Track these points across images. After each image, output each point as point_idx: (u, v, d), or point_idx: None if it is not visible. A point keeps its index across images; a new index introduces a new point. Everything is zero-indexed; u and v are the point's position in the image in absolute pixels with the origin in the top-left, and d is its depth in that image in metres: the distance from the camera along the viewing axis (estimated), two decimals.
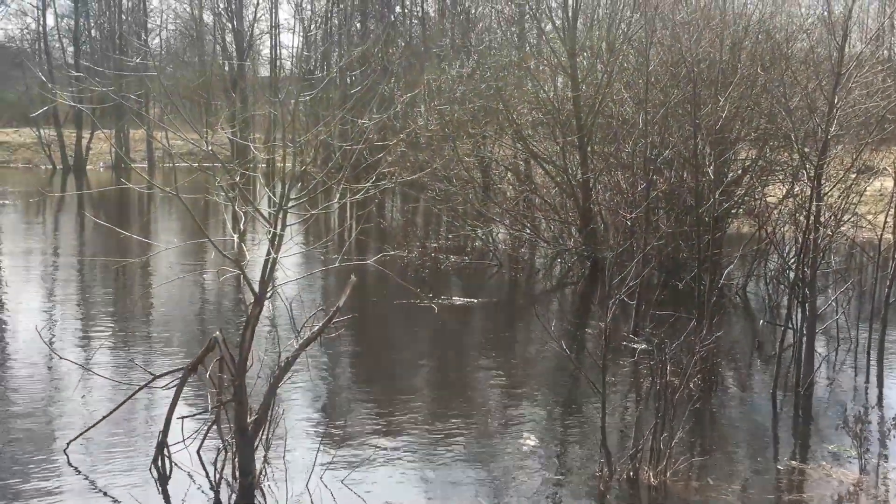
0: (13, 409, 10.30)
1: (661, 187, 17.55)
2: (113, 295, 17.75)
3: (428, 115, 21.84)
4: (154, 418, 9.71)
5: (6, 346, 13.44)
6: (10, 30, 59.63)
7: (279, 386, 8.32)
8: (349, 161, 8.65)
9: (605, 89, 19.80)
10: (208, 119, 11.51)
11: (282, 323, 12.67)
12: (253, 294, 8.09)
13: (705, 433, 10.32)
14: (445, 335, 15.32)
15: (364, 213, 18.18)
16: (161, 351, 13.18)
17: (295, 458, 8.74)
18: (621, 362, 12.54)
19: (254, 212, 8.43)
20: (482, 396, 11.88)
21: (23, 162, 52.70)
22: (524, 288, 20.24)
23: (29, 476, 8.37)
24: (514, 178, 24.68)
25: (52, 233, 27.97)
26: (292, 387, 10.73)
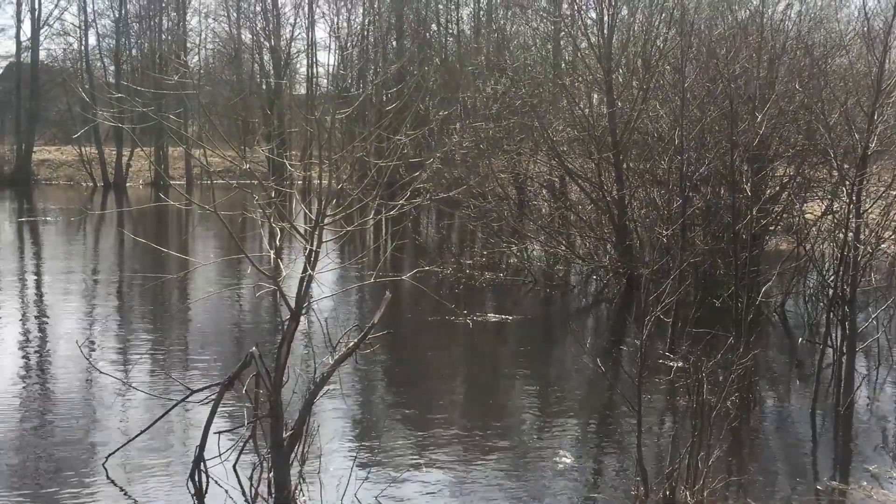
0: (54, 423, 10.44)
1: (697, 204, 17.43)
2: (151, 310, 17.95)
3: (463, 132, 21.90)
4: (191, 433, 9.80)
5: (48, 361, 13.63)
6: (53, 50, 60.61)
7: (315, 401, 8.35)
8: (384, 178, 8.70)
9: (640, 105, 19.74)
10: (246, 137, 11.65)
11: (317, 339, 12.74)
12: (289, 310, 8.15)
13: (743, 452, 10.20)
14: (480, 352, 15.31)
15: (399, 230, 18.30)
16: (198, 366, 13.29)
17: (330, 474, 8.77)
18: (657, 380, 12.44)
19: (290, 228, 8.50)
20: (517, 413, 11.84)
21: (65, 179, 53.53)
22: (559, 305, 20.17)
23: (69, 489, 8.47)
24: (549, 194, 24.65)
25: (92, 249, 28.36)
26: (328, 402, 10.77)
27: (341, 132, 10.59)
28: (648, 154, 19.18)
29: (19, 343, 14.62)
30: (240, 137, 20.22)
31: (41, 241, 29.34)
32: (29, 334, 15.46)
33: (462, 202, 23.43)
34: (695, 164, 16.76)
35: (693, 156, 16.84)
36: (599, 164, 20.50)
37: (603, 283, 21.36)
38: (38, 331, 15.83)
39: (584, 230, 22.00)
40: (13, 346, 14.24)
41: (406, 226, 22.37)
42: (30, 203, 42.54)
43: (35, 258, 25.56)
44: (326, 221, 8.17)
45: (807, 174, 18.50)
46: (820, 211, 17.89)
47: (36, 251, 27.13)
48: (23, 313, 17.17)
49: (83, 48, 56.19)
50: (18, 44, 54.55)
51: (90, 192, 48.94)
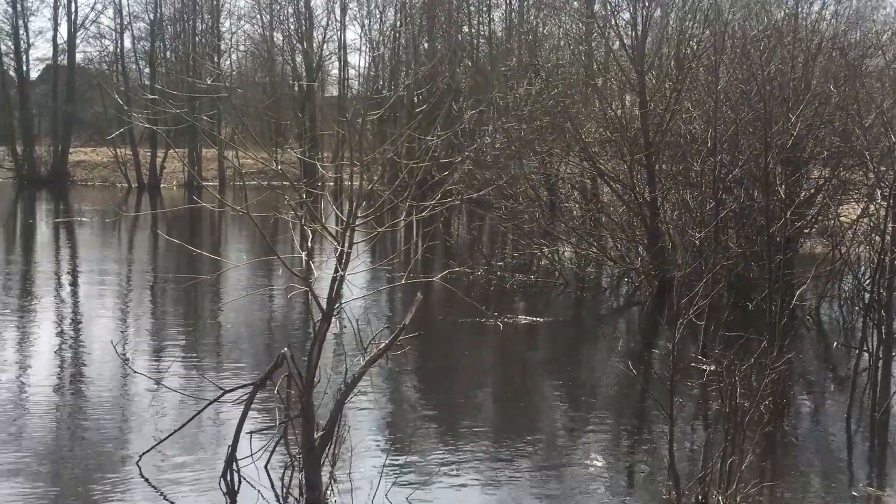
0: (89, 421, 10.56)
1: (730, 206, 17.28)
2: (184, 311, 18.10)
3: (495, 134, 21.88)
4: (223, 432, 9.86)
5: (83, 360, 13.79)
6: (89, 52, 61.37)
7: (346, 402, 8.38)
8: (415, 179, 8.70)
9: (673, 107, 19.61)
10: (278, 139, 11.75)
11: (348, 340, 12.78)
12: (321, 311, 8.18)
13: (776, 457, 10.09)
14: (511, 354, 15.29)
15: (430, 231, 18.33)
16: (230, 366, 13.38)
17: (361, 475, 8.78)
18: (689, 384, 12.35)
19: (321, 230, 8.53)
20: (548, 416, 11.81)
21: (100, 180, 54.14)
22: (590, 307, 20.09)
23: (104, 487, 8.56)
24: (580, 196, 24.55)
25: (126, 250, 28.66)
26: (358, 403, 10.80)
27: (373, 134, 10.62)
28: (681, 156, 19.04)
29: (55, 343, 14.80)
30: (272, 139, 20.30)
31: (77, 241, 29.70)
32: (64, 334, 15.65)
33: (493, 203, 23.40)
34: (728, 165, 16.62)
35: (726, 157, 16.70)
36: (631, 165, 20.40)
37: (634, 285, 21.24)
38: (73, 331, 16.01)
39: (616, 232, 21.88)
40: (50, 346, 14.42)
41: (437, 227, 22.39)
42: (66, 204, 43.09)
43: (70, 259, 25.87)
44: (357, 223, 8.19)
45: (842, 176, 18.28)
46: (856, 214, 17.69)
47: (71, 252, 27.46)
48: (58, 313, 17.38)
49: (119, 51, 56.85)
50: (55, 46, 55.33)
51: (125, 193, 49.47)
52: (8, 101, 54.88)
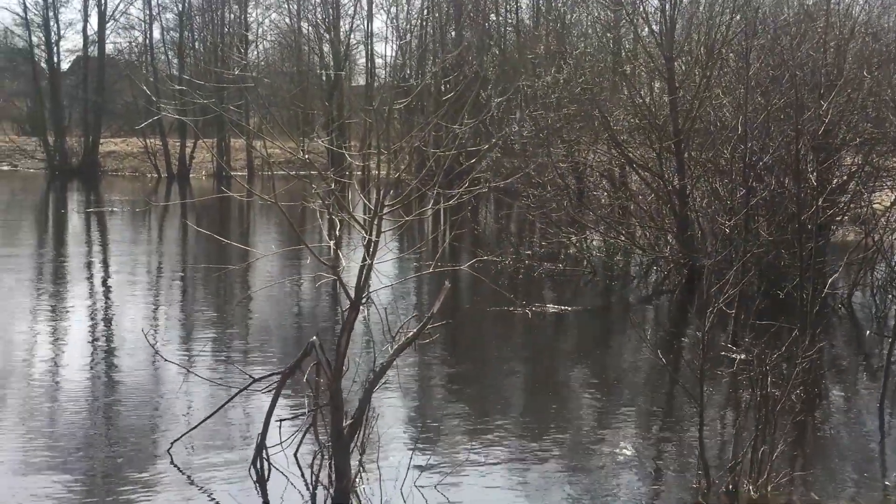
0: (121, 409, 10.67)
1: (761, 194, 17.12)
2: (214, 300, 18.23)
3: (523, 122, 21.78)
4: (252, 420, 9.93)
5: (114, 349, 13.93)
6: (119, 43, 61.91)
7: (374, 391, 8.40)
8: (443, 167, 8.68)
9: (703, 94, 19.43)
10: (305, 128, 11.78)
11: (376, 329, 12.81)
12: (349, 300, 8.19)
13: (807, 447, 10.00)
14: (539, 342, 15.25)
15: (457, 220, 18.31)
16: (259, 355, 13.47)
17: (389, 463, 8.81)
18: (719, 373, 12.26)
19: (349, 218, 8.54)
20: (576, 404, 11.78)
21: (130, 170, 54.61)
22: (619, 296, 20.00)
23: (135, 474, 8.65)
24: (608, 184, 24.42)
25: (156, 240, 28.90)
26: (386, 392, 10.81)
27: (400, 122, 10.60)
28: (711, 143, 18.88)
29: (87, 331, 14.96)
30: (299, 129, 20.39)
31: (107, 231, 29.98)
32: (96, 323, 15.81)
33: (521, 192, 23.33)
34: (759, 153, 16.46)
35: (757, 145, 16.53)
36: (660, 153, 20.24)
37: (663, 274, 21.11)
38: (104, 319, 16.18)
39: (645, 220, 21.75)
40: (81, 334, 14.58)
41: (465, 216, 22.36)
42: (97, 194, 43.49)
43: (101, 248, 26.13)
44: (385, 211, 8.19)
45: (875, 163, 18.05)
46: (889, 201, 17.47)
47: (102, 241, 27.73)
48: (90, 302, 17.56)
49: (148, 42, 57.26)
50: (85, 38, 55.82)
51: (154, 183, 49.84)
52: (39, 92, 55.44)
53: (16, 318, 15.42)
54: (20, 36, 57.63)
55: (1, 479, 8.39)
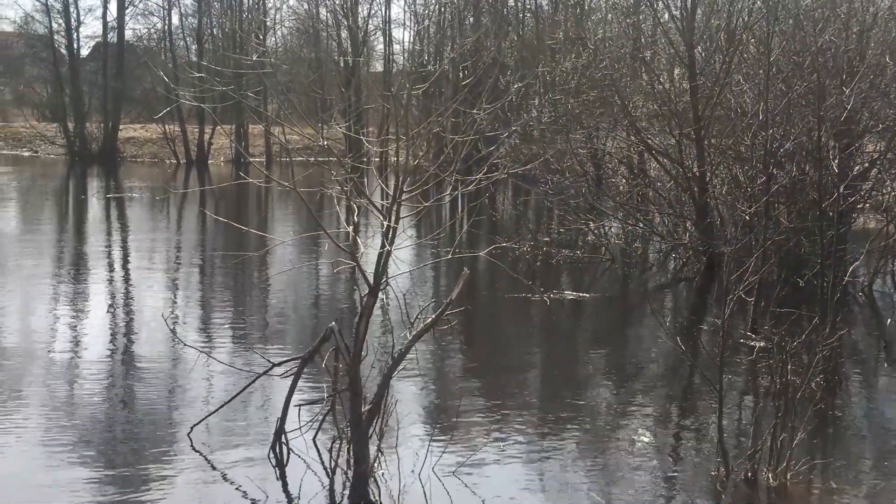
0: (142, 393, 10.74)
1: (782, 181, 17.00)
2: (232, 286, 18.30)
3: (541, 108, 21.71)
4: (271, 405, 9.97)
5: (134, 334, 14.02)
6: (138, 29, 62.06)
7: (392, 376, 8.41)
8: (461, 153, 8.66)
9: (723, 80, 19.29)
10: (323, 115, 11.80)
11: (395, 315, 12.83)
12: (368, 285, 8.20)
13: (827, 435, 9.95)
14: (557, 329, 15.24)
15: (475, 206, 18.26)
16: (278, 340, 13.52)
17: (407, 448, 8.84)
18: (738, 360, 12.22)
19: (368, 204, 8.54)
20: (594, 391, 11.76)
21: (149, 156, 54.79)
22: (637, 283, 19.94)
23: (156, 457, 8.72)
24: (627, 171, 24.31)
25: (175, 226, 29.02)
26: (405, 378, 10.85)
27: (418, 109, 10.59)
28: (731, 130, 18.74)
29: (107, 316, 15.06)
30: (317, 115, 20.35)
31: (127, 217, 30.13)
32: (115, 308, 15.92)
33: (539, 178, 23.27)
34: (779, 139, 16.34)
35: (778, 131, 16.41)
36: (680, 140, 20.12)
37: (682, 261, 21.02)
38: (124, 304, 16.28)
39: (664, 207, 21.65)
40: (101, 320, 14.68)
41: (483, 202, 22.32)
42: (116, 180, 43.69)
43: (121, 234, 26.27)
44: (403, 197, 8.18)
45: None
46: None
47: (122, 227, 27.88)
48: (110, 287, 17.68)
49: (167, 28, 57.34)
50: (105, 24, 55.95)
51: (173, 169, 50.01)
52: (59, 78, 55.67)
53: (36, 303, 15.54)
54: (40, 22, 57.86)
55: (23, 461, 8.48)
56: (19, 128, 60.35)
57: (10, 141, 58.80)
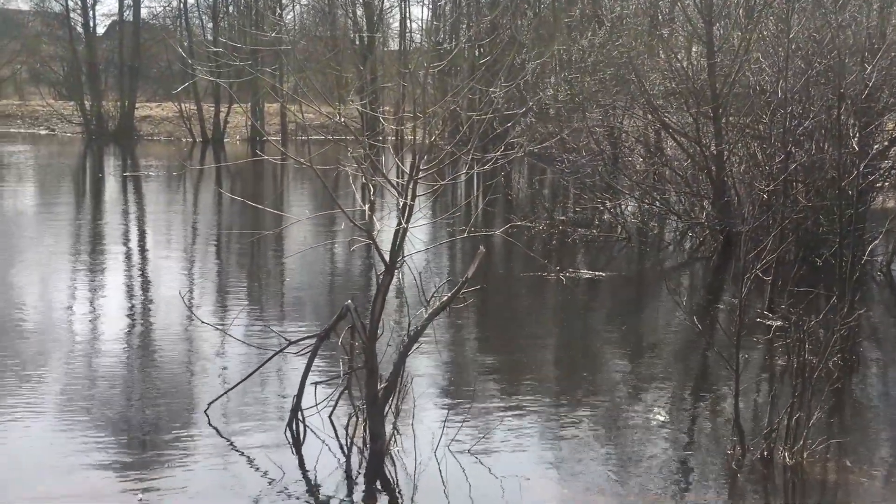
0: (157, 370, 10.81)
1: (800, 159, 16.87)
2: (248, 264, 18.36)
3: (558, 86, 21.59)
4: (288, 383, 10.02)
5: (151, 311, 14.09)
6: (154, 7, 62.10)
7: (408, 354, 8.43)
8: (477, 131, 8.63)
9: (742, 57, 19.12)
10: (340, 92, 11.76)
11: (411, 293, 12.84)
12: (384, 263, 8.21)
13: (844, 414, 9.92)
14: (572, 308, 15.22)
15: (491, 185, 18.25)
16: (294, 318, 13.57)
17: (423, 425, 8.87)
18: (755, 339, 12.18)
19: (384, 182, 8.53)
20: (609, 370, 11.76)
21: (165, 135, 54.92)
22: (653, 262, 19.87)
23: (172, 435, 8.78)
24: (644, 149, 24.18)
25: (191, 204, 29.11)
26: (420, 356, 10.85)
27: (434, 87, 10.54)
28: (749, 108, 18.59)
29: (124, 293, 15.15)
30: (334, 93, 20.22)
31: (144, 195, 30.25)
32: (132, 285, 16.01)
33: (555, 157, 23.19)
34: (798, 117, 16.20)
35: (797, 109, 16.26)
36: (697, 118, 19.99)
37: (699, 240, 20.94)
38: (140, 281, 16.37)
39: (681, 186, 21.55)
40: (118, 297, 14.76)
41: (499, 181, 22.28)
42: (133, 158, 43.83)
43: (138, 212, 26.37)
44: (420, 175, 8.17)
45: None
46: None
47: (139, 205, 27.98)
48: (127, 265, 17.77)
49: (182, 5, 57.28)
50: (121, 2, 55.95)
51: (189, 148, 50.12)
52: (75, 56, 55.77)
53: (53, 281, 15.65)
54: (57, 0, 57.93)
55: (39, 438, 8.55)
56: (36, 106, 60.64)
57: (27, 119, 59.06)
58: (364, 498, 7.70)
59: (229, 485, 7.73)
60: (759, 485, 8.12)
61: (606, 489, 7.81)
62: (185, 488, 7.62)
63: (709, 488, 7.95)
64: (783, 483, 8.10)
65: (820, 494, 8.02)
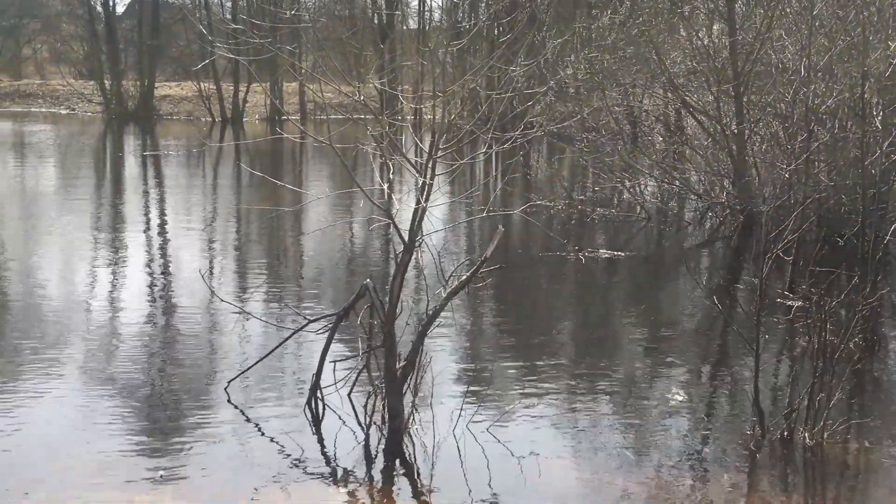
0: (177, 349, 10.88)
1: (822, 138, 16.71)
2: (268, 242, 18.42)
3: (577, 64, 21.45)
4: (307, 361, 10.06)
5: (171, 289, 14.17)
6: None
7: (427, 333, 8.44)
8: (497, 110, 8.59)
9: (764, 35, 18.91)
10: (359, 70, 11.64)
11: (429, 272, 12.85)
12: (402, 242, 8.21)
13: (865, 395, 9.87)
14: (591, 288, 15.19)
15: (511, 164, 18.20)
16: (313, 297, 13.61)
17: (442, 404, 8.89)
18: (775, 319, 12.11)
19: (403, 161, 8.51)
20: (628, 350, 11.74)
21: (185, 114, 55.02)
22: (673, 242, 19.79)
23: (193, 412, 8.85)
24: (664, 129, 24.03)
25: (211, 182, 29.20)
26: (439, 335, 10.88)
27: (453, 66, 10.49)
28: (772, 86, 18.41)
29: (144, 271, 15.23)
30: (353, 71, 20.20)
31: (163, 174, 30.36)
32: (152, 263, 16.09)
33: (575, 136, 23.08)
34: (821, 96, 16.03)
35: (820, 87, 16.09)
36: (718, 97, 19.82)
37: (719, 220, 20.82)
38: (160, 260, 16.45)
39: (701, 166, 21.40)
40: (138, 275, 14.85)
41: (518, 160, 22.21)
42: (152, 137, 43.98)
43: (158, 190, 26.47)
44: (440, 154, 8.14)
45: None
46: None
47: (159, 183, 28.09)
48: (147, 243, 17.86)
49: None
50: None
51: (209, 127, 50.22)
52: (95, 36, 55.89)
53: (74, 259, 15.76)
54: None
55: (60, 416, 8.64)
56: (57, 86, 60.81)
57: (47, 99, 59.28)
58: (382, 476, 7.74)
59: (248, 462, 7.78)
60: (779, 465, 8.10)
61: (624, 468, 7.81)
62: (205, 466, 7.68)
63: (728, 468, 7.93)
64: (803, 463, 8.08)
65: (840, 475, 7.99)
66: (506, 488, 7.36)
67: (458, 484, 7.46)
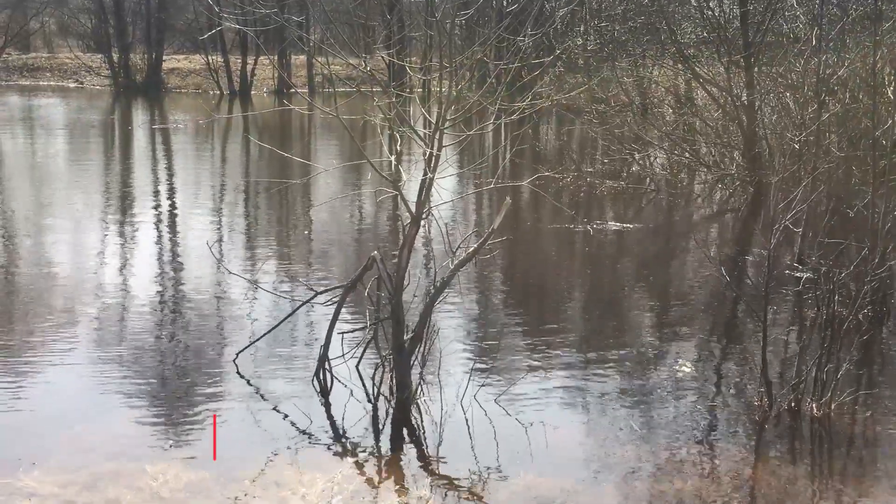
0: (187, 320, 10.93)
1: (833, 109, 16.59)
2: (275, 214, 18.43)
3: (587, 34, 21.33)
4: (315, 333, 10.10)
5: (180, 261, 14.20)
6: None
7: (435, 305, 8.45)
8: (505, 81, 8.54)
9: (775, 5, 18.75)
10: (366, 41, 11.53)
11: (437, 244, 12.84)
12: (410, 214, 8.19)
13: (873, 366, 9.86)
14: (600, 260, 15.17)
15: (519, 135, 18.10)
16: (321, 269, 13.63)
17: (449, 375, 8.91)
18: (784, 291, 12.09)
19: (410, 132, 8.48)
20: (636, 322, 11.74)
21: (193, 87, 54.90)
22: (682, 214, 19.72)
23: (202, 384, 8.89)
24: (674, 100, 23.89)
25: (219, 155, 29.18)
26: (447, 307, 10.90)
27: (461, 38, 10.42)
28: (783, 56, 18.27)
29: (153, 244, 15.27)
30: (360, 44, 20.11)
31: (172, 147, 30.35)
32: (161, 235, 16.12)
33: (584, 108, 22.97)
34: (833, 66, 15.89)
35: (831, 57, 15.95)
36: (729, 67, 19.68)
37: (729, 192, 20.74)
38: (169, 232, 16.47)
39: (711, 137, 21.29)
40: (147, 248, 14.89)
41: (526, 131, 22.14)
42: (161, 111, 43.92)
43: (167, 163, 26.48)
44: (447, 125, 8.11)
45: None
46: None
47: (167, 157, 28.09)
48: (156, 215, 17.88)
49: None
50: None
51: (217, 100, 50.13)
52: (103, 9, 55.69)
53: (84, 232, 15.80)
54: None
55: (69, 387, 8.69)
56: (65, 59, 60.68)
57: (55, 72, 59.19)
58: (390, 446, 7.77)
59: (257, 433, 7.83)
60: (786, 436, 8.11)
61: (632, 439, 7.83)
62: (214, 437, 7.71)
63: (735, 439, 7.94)
64: (810, 434, 8.09)
65: (847, 446, 7.99)
66: (513, 459, 7.39)
67: (465, 454, 7.49)
